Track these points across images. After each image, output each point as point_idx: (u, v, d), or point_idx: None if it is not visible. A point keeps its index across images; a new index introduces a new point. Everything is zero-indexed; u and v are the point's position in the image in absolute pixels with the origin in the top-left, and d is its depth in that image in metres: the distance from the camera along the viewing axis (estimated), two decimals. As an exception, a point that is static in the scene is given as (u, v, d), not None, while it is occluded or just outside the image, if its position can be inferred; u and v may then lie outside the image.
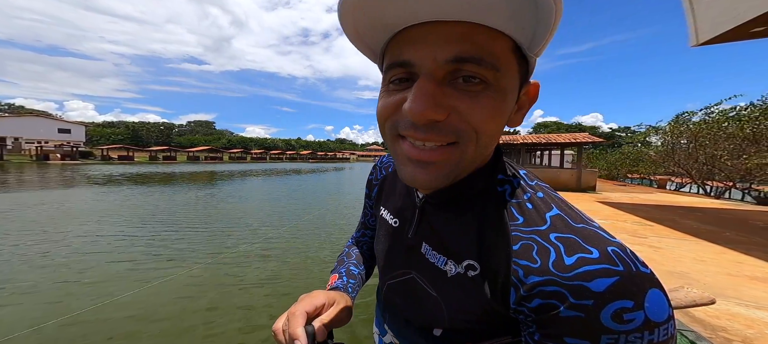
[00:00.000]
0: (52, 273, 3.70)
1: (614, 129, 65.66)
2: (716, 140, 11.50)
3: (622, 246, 0.29)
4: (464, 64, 0.27)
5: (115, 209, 7.72)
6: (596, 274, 0.27)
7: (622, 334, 0.26)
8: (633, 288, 0.27)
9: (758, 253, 3.76)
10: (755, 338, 1.92)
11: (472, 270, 0.35)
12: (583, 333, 0.27)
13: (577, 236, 0.30)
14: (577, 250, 0.29)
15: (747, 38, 5.97)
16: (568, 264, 0.28)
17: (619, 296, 0.26)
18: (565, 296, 0.28)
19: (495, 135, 0.32)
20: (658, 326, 0.26)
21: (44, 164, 29.04)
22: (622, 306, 0.26)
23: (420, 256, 0.41)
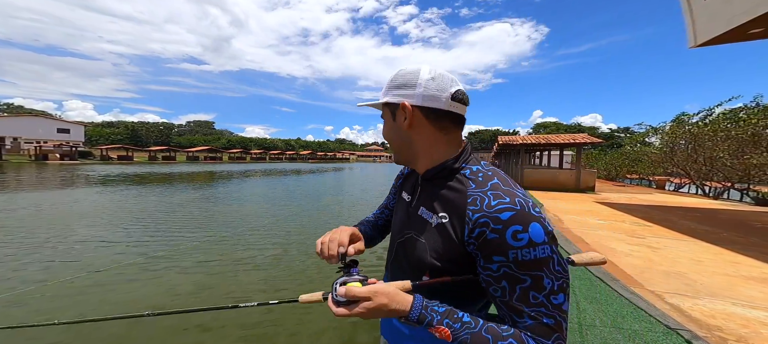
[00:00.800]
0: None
1: (613, 130, 65.77)
2: (716, 140, 11.55)
3: (526, 200, 0.51)
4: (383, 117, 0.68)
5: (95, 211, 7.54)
6: (504, 210, 0.49)
7: (519, 249, 0.47)
8: (523, 219, 0.48)
9: (755, 253, 3.79)
10: (750, 337, 1.95)
11: (444, 219, 0.56)
12: (499, 250, 0.48)
13: (501, 192, 0.52)
14: (498, 198, 0.51)
15: (745, 39, 6.02)
16: (492, 205, 0.50)
17: (514, 222, 0.48)
18: (488, 223, 0.49)
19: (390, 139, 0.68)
20: (538, 244, 0.47)
21: (43, 164, 28.98)
22: (516, 229, 0.47)
23: (417, 216, 0.63)
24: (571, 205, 7.93)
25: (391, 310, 0.50)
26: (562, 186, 11.96)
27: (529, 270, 0.47)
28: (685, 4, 6.55)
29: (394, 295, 0.51)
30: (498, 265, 0.49)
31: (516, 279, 0.48)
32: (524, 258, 0.47)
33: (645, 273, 3.10)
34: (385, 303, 0.50)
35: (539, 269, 0.47)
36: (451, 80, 0.58)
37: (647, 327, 2.11)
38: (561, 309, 0.48)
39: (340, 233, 0.66)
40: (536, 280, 0.47)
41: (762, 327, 2.06)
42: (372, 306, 0.50)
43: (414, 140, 0.61)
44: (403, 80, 0.59)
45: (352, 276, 0.55)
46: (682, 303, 2.44)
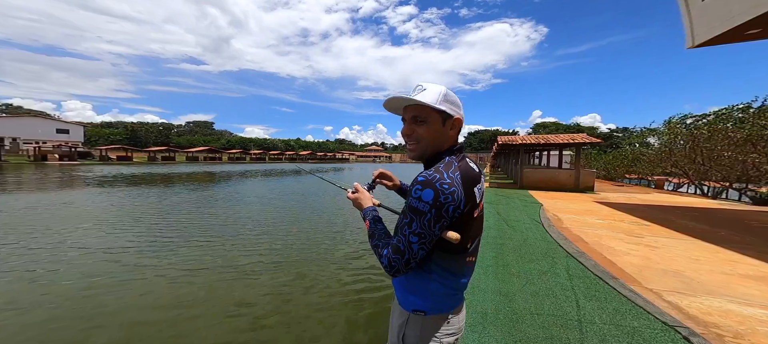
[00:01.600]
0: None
1: (612, 130, 65.87)
2: (714, 140, 11.60)
3: (443, 178, 0.75)
4: (415, 117, 0.85)
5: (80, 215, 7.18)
6: (424, 175, 0.77)
7: (412, 198, 0.76)
8: (426, 183, 0.75)
9: (752, 252, 3.83)
10: (746, 333, 1.98)
11: (414, 186, 0.79)
12: (408, 194, 0.78)
13: (434, 171, 0.78)
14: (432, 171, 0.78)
15: (742, 40, 6.07)
16: (424, 173, 0.79)
17: (420, 183, 0.76)
18: (415, 181, 0.78)
19: (431, 139, 0.84)
20: (422, 201, 0.74)
21: (42, 165, 28.92)
22: (418, 187, 0.76)
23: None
24: (571, 205, 7.97)
25: (359, 204, 0.98)
26: (562, 186, 12.00)
27: (409, 212, 0.76)
28: (683, 5, 6.60)
29: (366, 198, 0.98)
30: (406, 204, 0.79)
31: (404, 214, 0.78)
32: (411, 204, 0.76)
33: (643, 271, 3.13)
34: (362, 199, 0.98)
35: (414, 214, 0.75)
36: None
37: (646, 323, 2.14)
38: (411, 246, 0.75)
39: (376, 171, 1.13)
40: (410, 220, 0.75)
41: (758, 324, 2.09)
42: (356, 196, 0.99)
43: (445, 143, 0.84)
44: (455, 100, 0.84)
45: (364, 184, 1.04)
46: (679, 300, 2.47)
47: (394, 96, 0.83)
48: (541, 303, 2.44)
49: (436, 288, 0.82)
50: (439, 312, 0.84)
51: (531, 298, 2.52)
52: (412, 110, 0.83)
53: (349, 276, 3.91)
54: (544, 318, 2.22)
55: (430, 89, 0.81)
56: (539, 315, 2.26)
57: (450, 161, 0.81)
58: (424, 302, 0.83)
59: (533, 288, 2.71)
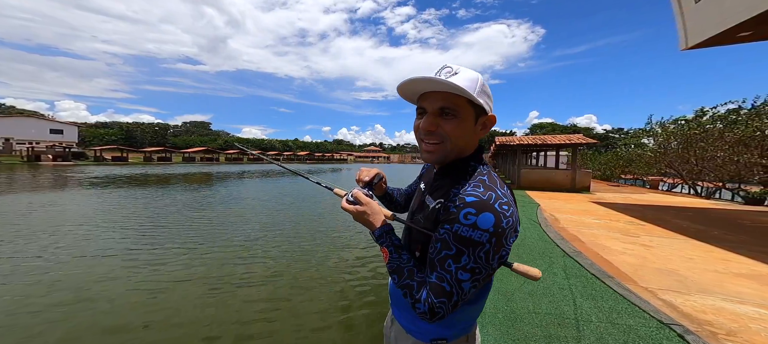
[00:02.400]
0: None
1: (608, 130, 66.54)
2: (707, 141, 11.77)
3: (496, 197, 0.59)
4: (444, 109, 0.64)
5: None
6: (473, 195, 0.58)
7: (463, 226, 0.56)
8: (481, 206, 0.57)
9: (744, 251, 3.89)
10: (739, 331, 2.02)
11: (439, 204, 0.66)
12: (450, 220, 0.58)
13: (482, 186, 0.61)
14: (476, 188, 0.60)
15: (734, 42, 6.18)
16: (468, 191, 0.60)
17: (472, 206, 0.57)
18: (455, 201, 0.60)
19: (459, 139, 0.66)
20: (479, 229, 0.56)
21: (35, 165, 28.52)
22: (470, 211, 0.57)
23: (423, 203, 0.74)
24: (567, 205, 8.04)
25: (367, 221, 0.72)
26: (558, 186, 12.10)
27: (458, 243, 0.57)
28: (676, 7, 6.70)
29: (376, 213, 0.72)
30: (443, 231, 0.59)
31: (446, 245, 0.58)
32: (461, 234, 0.56)
33: (638, 270, 3.18)
34: (368, 214, 0.72)
35: (466, 246, 0.56)
36: None
37: (641, 322, 2.17)
38: (461, 285, 0.57)
39: (372, 170, 0.89)
40: (458, 253, 0.57)
41: (751, 322, 2.14)
42: (360, 209, 0.72)
43: (470, 145, 0.69)
44: (483, 88, 0.64)
45: (365, 191, 0.76)
46: (674, 299, 2.51)
47: (417, 77, 0.61)
48: (539, 302, 2.46)
49: (463, 311, 0.69)
50: (462, 334, 0.72)
51: (529, 297, 2.55)
52: (441, 98, 0.62)
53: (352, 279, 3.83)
54: (541, 317, 2.25)
55: (465, 73, 0.61)
56: (537, 314, 2.29)
57: (488, 171, 0.65)
58: (448, 330, 0.70)
59: (531, 287, 2.74)
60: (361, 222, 0.73)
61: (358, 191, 0.75)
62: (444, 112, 0.64)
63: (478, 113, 0.65)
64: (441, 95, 0.63)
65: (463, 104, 0.63)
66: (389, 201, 1.02)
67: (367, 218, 0.71)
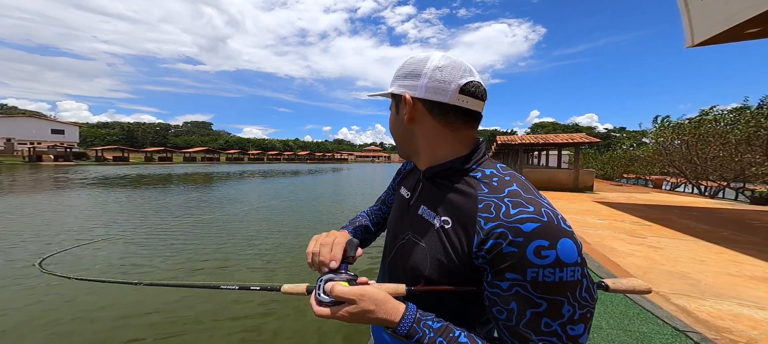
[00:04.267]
0: None
1: (610, 129, 66.30)
2: (709, 141, 11.64)
3: (554, 211, 0.43)
4: None
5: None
6: (527, 220, 0.40)
7: (541, 268, 0.39)
8: (550, 233, 0.40)
9: (756, 253, 3.77)
10: (760, 339, 1.91)
11: (447, 224, 0.50)
12: (516, 266, 0.40)
13: (522, 200, 0.43)
14: (519, 206, 0.42)
15: (742, 39, 6.04)
16: (512, 214, 0.42)
17: (539, 236, 0.39)
18: (506, 234, 0.41)
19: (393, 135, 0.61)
20: (567, 265, 0.39)
21: (37, 166, 28.55)
22: (541, 244, 0.39)
23: (417, 216, 0.57)
24: (571, 205, 7.92)
25: (377, 318, 0.45)
26: (561, 186, 11.97)
27: (548, 294, 0.39)
28: (682, 4, 6.56)
29: (383, 302, 0.46)
30: (510, 284, 0.40)
31: (529, 302, 0.40)
32: (545, 280, 0.39)
33: (648, 273, 3.06)
34: (372, 310, 0.45)
35: (562, 293, 0.39)
36: (462, 71, 0.50)
37: (655, 329, 2.06)
38: (578, 342, 0.40)
39: (333, 241, 0.56)
40: (554, 306, 0.39)
41: (771, 329, 2.02)
42: (356, 310, 0.45)
43: (416, 135, 0.56)
44: (410, 69, 0.54)
45: (340, 274, 0.51)
46: (688, 304, 2.40)
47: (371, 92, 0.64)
48: (545, 308, 2.35)
49: None
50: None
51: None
52: None
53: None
54: (549, 323, 2.14)
55: None
56: (544, 320, 2.18)
57: (510, 173, 0.51)
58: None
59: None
60: (366, 323, 0.47)
61: (335, 286, 0.46)
62: None
63: (396, 101, 0.58)
64: None
65: (391, 98, 0.60)
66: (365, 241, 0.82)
67: (372, 316, 0.45)
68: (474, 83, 0.50)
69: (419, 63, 0.52)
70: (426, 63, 0.51)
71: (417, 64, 0.53)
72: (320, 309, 0.47)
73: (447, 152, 0.54)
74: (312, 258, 0.56)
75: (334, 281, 0.48)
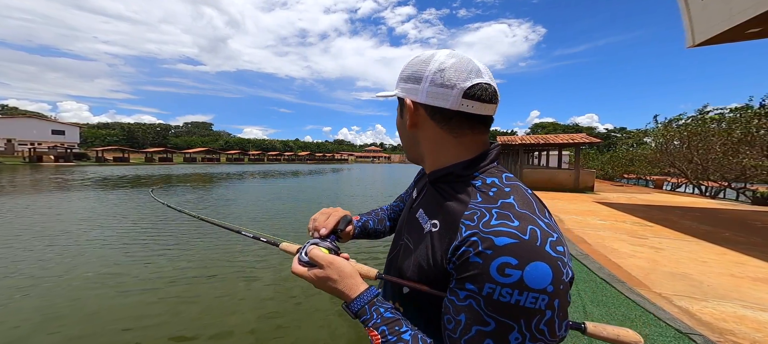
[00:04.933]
0: None
1: (610, 130, 66.26)
2: (708, 142, 11.61)
3: (546, 233, 0.37)
4: None
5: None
6: (503, 234, 0.37)
7: (499, 285, 0.35)
8: (523, 253, 0.35)
9: (758, 254, 3.75)
10: (764, 341, 1.89)
11: (434, 228, 0.48)
12: (476, 278, 0.36)
13: (512, 213, 0.39)
14: (504, 218, 0.38)
15: (743, 39, 6.02)
16: (492, 224, 0.38)
17: (509, 253, 0.35)
18: (477, 244, 0.37)
19: (401, 139, 0.59)
20: (530, 290, 0.34)
21: (37, 166, 28.59)
22: (507, 261, 0.35)
23: (414, 218, 0.56)
24: (571, 205, 7.90)
25: (336, 289, 0.48)
26: (561, 186, 11.95)
27: (498, 314, 0.35)
28: (683, 4, 6.55)
29: (347, 276, 0.48)
30: (466, 294, 0.37)
31: (478, 318, 0.36)
32: (501, 299, 0.35)
33: (650, 274, 3.04)
34: (334, 279, 0.48)
35: (514, 318, 0.35)
36: (468, 72, 0.46)
37: (657, 331, 2.04)
38: None
39: (331, 213, 0.65)
40: (502, 329, 0.35)
41: (775, 331, 2.00)
42: (322, 274, 0.49)
43: (419, 140, 0.54)
44: (412, 71, 0.50)
45: (325, 241, 0.56)
46: (690, 305, 2.38)
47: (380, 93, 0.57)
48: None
49: None
50: None
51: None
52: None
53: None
54: (551, 325, 2.12)
55: None
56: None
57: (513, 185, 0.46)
58: None
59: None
60: (327, 291, 0.49)
61: (314, 248, 0.51)
62: None
63: (399, 105, 0.56)
64: None
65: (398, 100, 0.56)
66: (367, 237, 0.81)
67: (333, 285, 0.48)
68: (481, 86, 0.46)
69: (422, 65, 0.49)
70: (428, 65, 0.48)
71: (420, 65, 0.50)
72: (297, 267, 0.52)
73: (450, 158, 0.51)
74: (311, 224, 0.64)
75: (319, 246, 0.53)
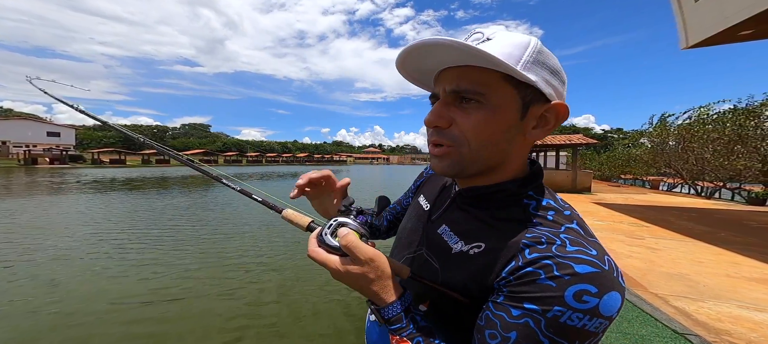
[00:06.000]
0: None
1: (606, 130, 66.80)
2: (703, 141, 11.72)
3: (615, 263, 0.36)
4: (460, 92, 0.40)
5: None
6: (585, 261, 0.34)
7: (572, 310, 0.32)
8: (603, 282, 0.33)
9: (754, 254, 3.77)
10: (760, 341, 1.90)
11: (476, 249, 0.42)
12: (543, 300, 0.33)
13: (583, 241, 0.37)
14: (579, 245, 0.36)
15: (735, 41, 6.10)
16: (569, 250, 0.35)
17: (590, 281, 0.33)
18: (551, 267, 0.34)
19: (487, 142, 0.41)
20: (600, 317, 0.33)
21: (32, 169, 28.30)
22: (586, 289, 0.33)
23: (436, 234, 0.49)
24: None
25: (370, 289, 0.41)
26: (559, 187, 11.99)
27: (558, 336, 0.33)
28: (676, 6, 6.63)
29: (387, 277, 0.41)
30: (523, 313, 0.34)
31: (532, 338, 0.33)
32: (568, 322, 0.32)
33: (647, 274, 3.05)
34: (372, 279, 0.40)
35: (571, 340, 0.33)
36: None
37: (654, 331, 2.04)
38: None
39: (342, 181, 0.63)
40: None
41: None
42: (358, 271, 0.40)
43: (511, 154, 0.43)
44: (556, 66, 0.40)
45: (352, 221, 0.44)
46: (687, 306, 2.38)
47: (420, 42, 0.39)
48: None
49: None
50: None
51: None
52: (456, 76, 0.40)
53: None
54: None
55: (505, 38, 0.39)
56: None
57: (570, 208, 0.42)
58: None
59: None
60: (354, 288, 0.42)
61: (350, 235, 0.41)
62: (461, 97, 0.40)
63: (527, 101, 0.40)
64: (457, 72, 0.40)
65: (496, 84, 0.39)
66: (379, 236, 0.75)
67: (367, 285, 0.41)
68: None
69: (556, 60, 0.41)
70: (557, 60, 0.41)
71: (556, 61, 0.41)
72: (318, 251, 0.42)
73: (508, 174, 0.44)
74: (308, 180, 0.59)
75: (349, 227, 0.43)
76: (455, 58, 0.39)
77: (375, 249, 0.42)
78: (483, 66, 0.38)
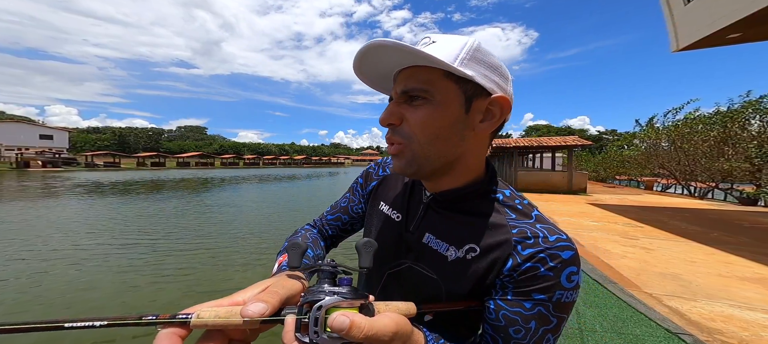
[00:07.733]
0: None
1: (601, 132, 67.60)
2: (692, 143, 11.90)
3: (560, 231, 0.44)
4: (408, 91, 0.43)
5: None
6: (565, 248, 0.41)
7: (567, 290, 0.40)
8: (577, 258, 0.42)
9: (746, 253, 3.83)
10: (751, 340, 1.92)
11: (472, 252, 0.45)
12: (547, 289, 0.40)
13: (552, 227, 0.44)
14: (554, 233, 0.42)
15: (724, 44, 6.24)
16: (551, 240, 0.42)
17: (573, 263, 0.41)
18: (545, 260, 0.40)
19: (434, 136, 0.43)
20: (579, 286, 0.42)
21: (24, 172, 27.86)
22: (572, 270, 0.41)
23: (422, 245, 0.49)
24: (565, 207, 7.98)
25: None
26: (555, 188, 12.09)
27: (561, 312, 0.41)
28: (666, 10, 6.77)
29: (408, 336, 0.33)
30: (534, 303, 0.40)
31: (546, 320, 0.41)
32: (565, 300, 0.41)
33: (641, 274, 3.08)
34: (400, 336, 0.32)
35: (568, 312, 0.42)
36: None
37: (648, 331, 2.06)
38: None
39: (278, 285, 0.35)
40: (560, 322, 0.42)
41: (762, 330, 2.04)
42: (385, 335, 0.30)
43: (467, 149, 0.45)
44: (494, 62, 0.43)
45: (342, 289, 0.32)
46: (680, 305, 2.41)
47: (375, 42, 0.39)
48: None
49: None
50: None
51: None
52: (406, 76, 0.43)
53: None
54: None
55: (448, 41, 0.42)
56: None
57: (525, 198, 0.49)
58: None
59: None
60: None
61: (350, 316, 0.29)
62: (410, 96, 0.42)
63: (469, 95, 0.41)
64: (407, 73, 0.43)
65: (438, 81, 0.41)
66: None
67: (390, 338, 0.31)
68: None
69: (499, 61, 0.44)
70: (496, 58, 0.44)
71: (495, 59, 0.43)
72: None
73: (479, 171, 0.48)
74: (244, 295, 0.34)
75: (341, 308, 0.30)
76: (401, 60, 0.42)
77: (389, 314, 0.32)
78: (425, 65, 0.41)
